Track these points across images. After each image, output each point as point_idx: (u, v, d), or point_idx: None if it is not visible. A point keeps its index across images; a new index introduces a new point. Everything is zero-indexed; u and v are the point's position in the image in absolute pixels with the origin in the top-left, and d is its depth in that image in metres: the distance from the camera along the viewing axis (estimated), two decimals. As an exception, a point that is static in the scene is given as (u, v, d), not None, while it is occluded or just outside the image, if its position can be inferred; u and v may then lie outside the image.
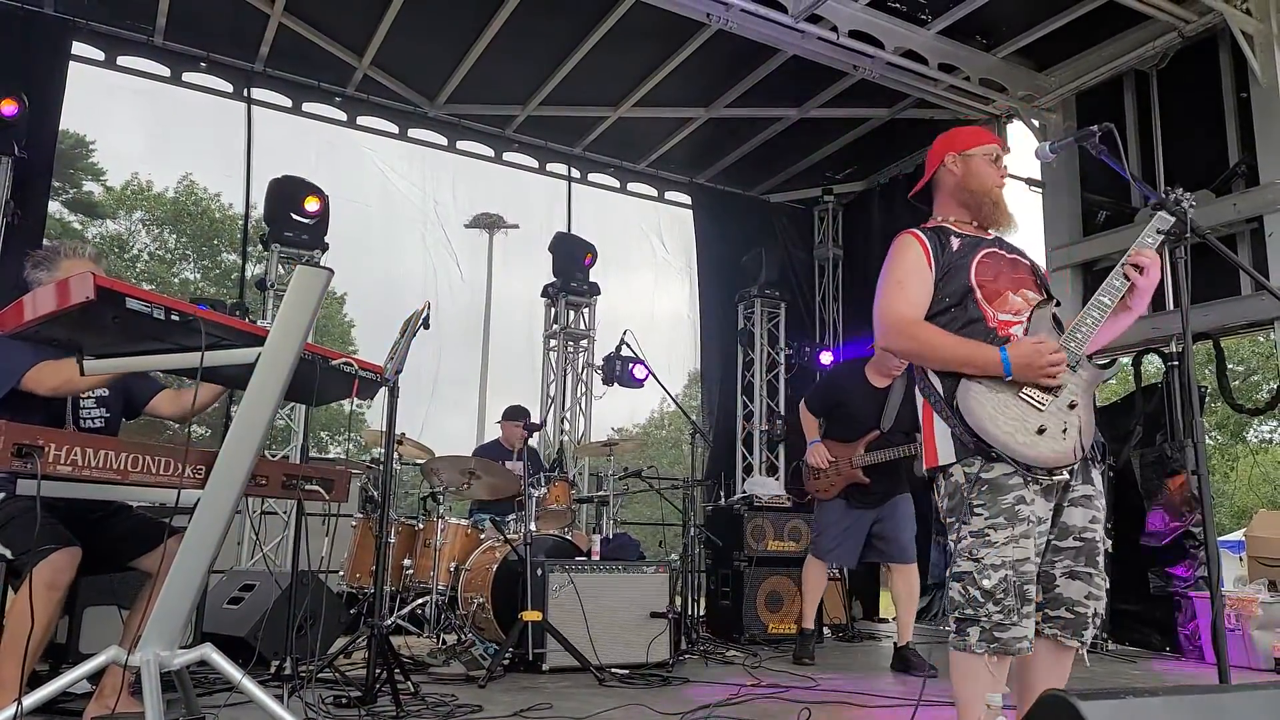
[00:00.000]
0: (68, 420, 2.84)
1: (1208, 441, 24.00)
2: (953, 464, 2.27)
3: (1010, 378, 2.20)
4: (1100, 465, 2.34)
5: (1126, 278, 2.30)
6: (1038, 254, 6.70)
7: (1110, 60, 6.25)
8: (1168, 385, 5.71)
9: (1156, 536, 5.48)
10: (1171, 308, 5.72)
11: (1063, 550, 2.29)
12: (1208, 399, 6.55)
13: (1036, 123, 6.80)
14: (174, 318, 2.20)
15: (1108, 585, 2.31)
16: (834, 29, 5.95)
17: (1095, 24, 6.04)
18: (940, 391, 2.31)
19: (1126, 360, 6.36)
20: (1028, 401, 2.21)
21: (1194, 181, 5.80)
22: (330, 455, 17.34)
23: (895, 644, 4.81)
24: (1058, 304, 2.40)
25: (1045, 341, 2.22)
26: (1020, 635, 2.15)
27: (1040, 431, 2.18)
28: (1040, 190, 6.88)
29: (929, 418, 2.36)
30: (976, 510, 2.21)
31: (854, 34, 6.01)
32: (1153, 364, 6.35)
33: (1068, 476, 2.24)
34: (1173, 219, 2.31)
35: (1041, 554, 2.26)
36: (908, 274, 2.40)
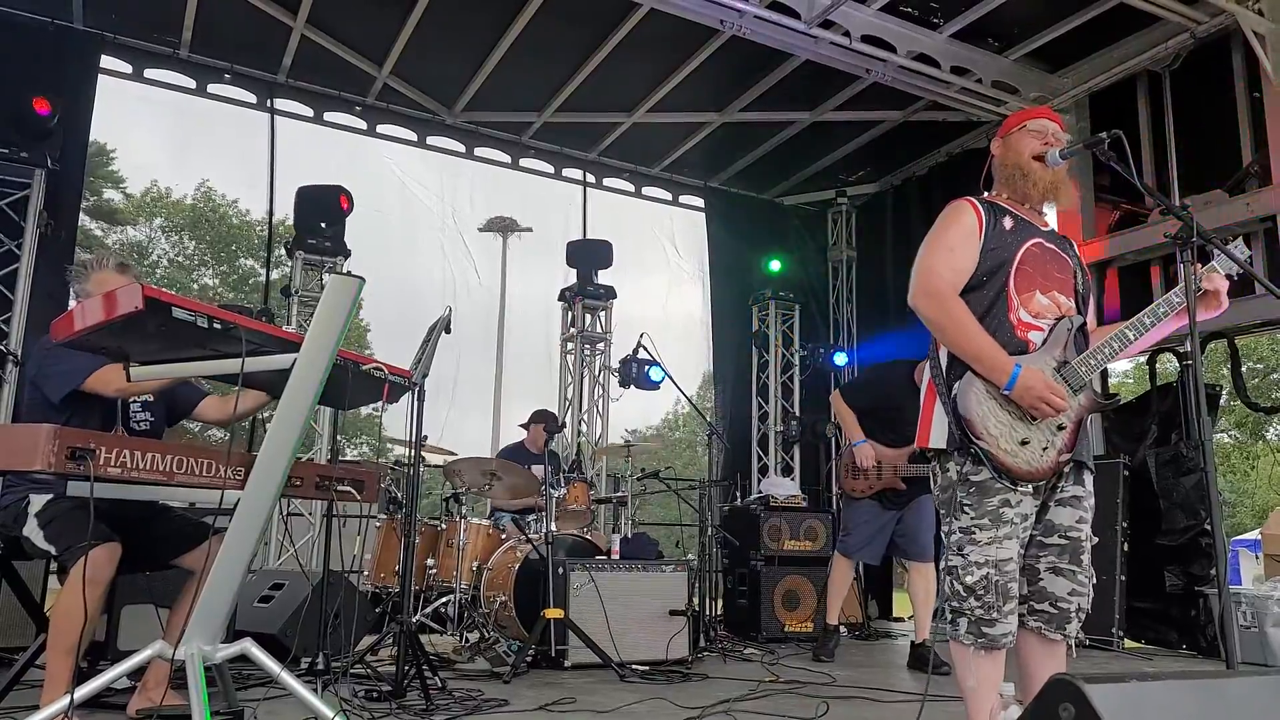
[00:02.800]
0: (118, 424, 2.95)
1: (1227, 440, 23.87)
2: (944, 452, 2.35)
3: (1007, 393, 2.24)
4: (1090, 470, 2.40)
5: (1165, 310, 2.37)
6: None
7: (1123, 61, 6.28)
8: (1183, 385, 5.74)
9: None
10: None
11: (1048, 547, 2.34)
12: (1225, 397, 6.56)
13: (1050, 124, 6.83)
14: (216, 326, 2.30)
15: (1093, 581, 2.37)
16: (846, 34, 6.02)
17: (1107, 26, 6.07)
18: (944, 374, 2.36)
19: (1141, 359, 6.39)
20: (1022, 412, 2.26)
21: (1208, 181, 5.85)
22: (348, 458, 17.50)
23: (913, 641, 4.86)
24: (1084, 322, 2.42)
25: (1057, 386, 2.25)
26: (1004, 631, 2.24)
27: (1023, 443, 2.25)
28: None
29: (931, 398, 2.42)
30: (965, 508, 2.29)
31: (866, 39, 6.08)
32: (1171, 362, 6.39)
33: (1038, 487, 2.30)
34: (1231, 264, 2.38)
35: (1025, 548, 2.33)
36: (960, 241, 2.37)
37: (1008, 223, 2.42)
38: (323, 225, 6.56)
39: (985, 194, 2.54)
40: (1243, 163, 5.69)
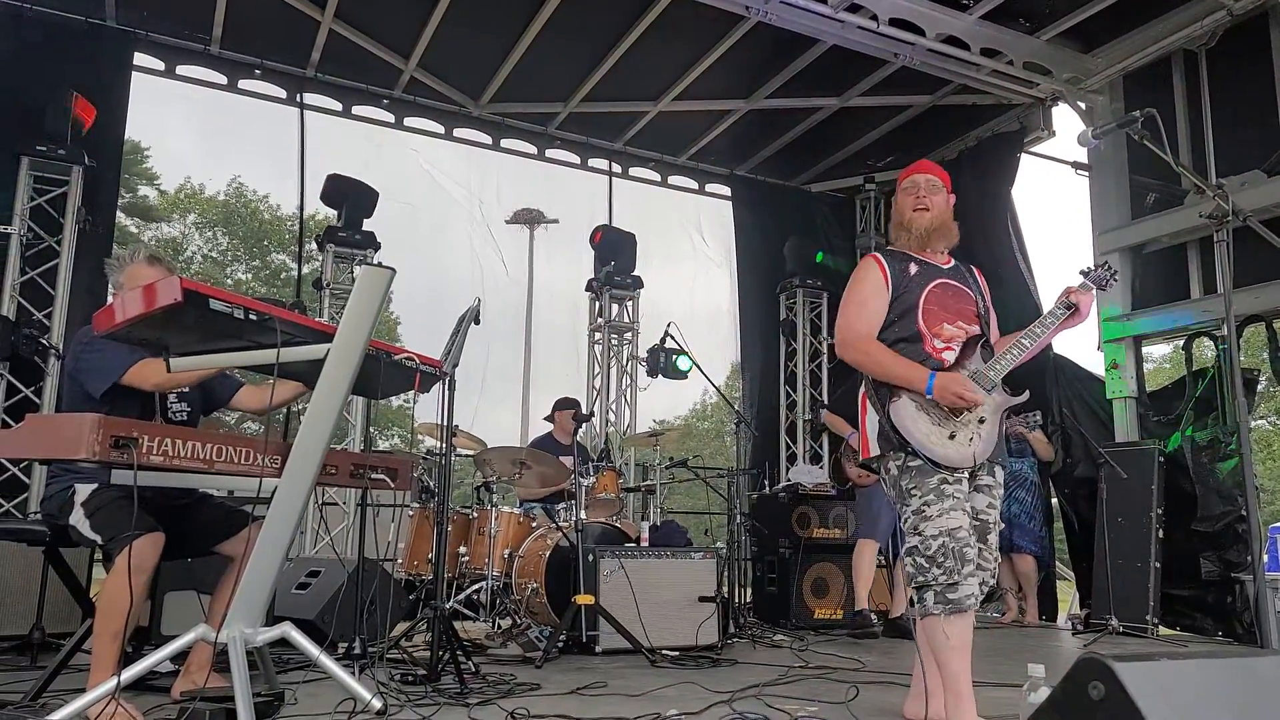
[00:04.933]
0: (156, 415, 3.01)
1: (1266, 426, 23.41)
2: (885, 456, 2.73)
3: (930, 396, 2.63)
4: (1001, 466, 2.81)
5: (1051, 321, 2.74)
6: (1084, 238, 6.69)
7: (1158, 40, 6.16)
8: (1219, 369, 5.65)
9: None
10: (1221, 291, 5.66)
11: None
12: (1265, 382, 6.45)
13: (1083, 105, 6.73)
14: (252, 317, 2.36)
15: (998, 559, 2.78)
16: (874, 17, 5.97)
17: (1142, 4, 5.97)
18: (877, 394, 2.75)
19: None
20: (945, 411, 2.65)
21: (1245, 162, 5.73)
22: (380, 449, 17.69)
23: (890, 614, 5.34)
24: (985, 340, 2.80)
25: (968, 381, 2.64)
26: (968, 592, 2.54)
27: (951, 437, 2.63)
28: (1087, 174, 6.83)
29: (864, 412, 2.81)
30: (911, 493, 2.65)
31: (894, 22, 6.02)
32: (1209, 347, 6.29)
33: (966, 473, 2.68)
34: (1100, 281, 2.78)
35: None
36: (870, 295, 2.81)
37: (912, 269, 2.84)
38: (351, 211, 6.65)
39: (888, 245, 3.00)
40: (1280, 142, 5.57)
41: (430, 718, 2.80)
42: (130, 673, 2.46)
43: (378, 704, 2.64)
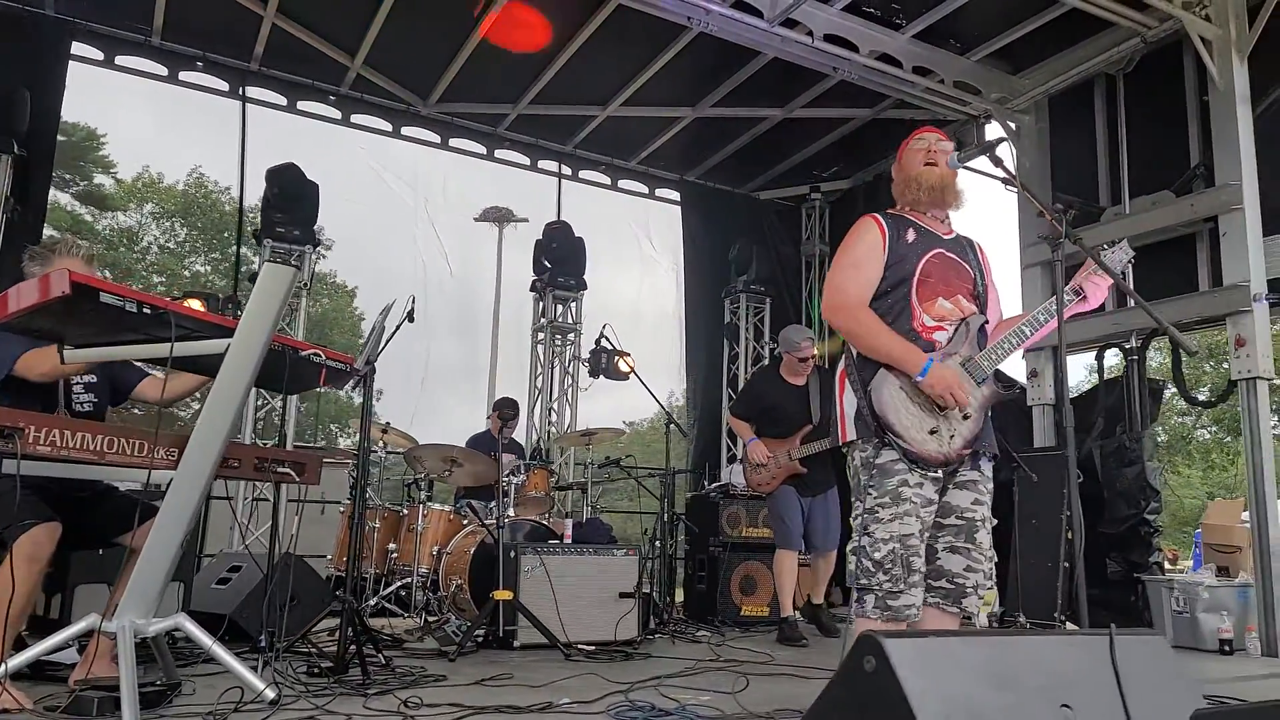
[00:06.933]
0: (60, 405, 3.05)
1: (1205, 436, 24.18)
2: (854, 444, 2.56)
3: (920, 380, 2.45)
4: (990, 458, 2.61)
5: (1054, 311, 2.53)
6: (1012, 251, 6.89)
7: (1080, 64, 6.37)
8: (1127, 380, 5.87)
9: None
10: (1131, 305, 5.90)
11: (945, 527, 2.54)
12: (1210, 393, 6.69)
13: (1012, 124, 6.92)
14: (146, 311, 2.42)
15: (994, 559, 2.56)
16: (810, 33, 6.10)
17: (1066, 28, 6.16)
18: (858, 371, 2.56)
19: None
20: (929, 402, 2.46)
21: (1157, 181, 5.97)
22: (339, 447, 17.58)
23: (810, 600, 5.59)
24: (986, 321, 2.65)
25: (963, 384, 2.46)
26: (909, 603, 2.42)
27: (931, 432, 2.46)
28: (1016, 190, 7.02)
29: (842, 394, 2.62)
30: (869, 490, 2.48)
31: (829, 38, 6.16)
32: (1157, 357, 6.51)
33: (938, 472, 2.49)
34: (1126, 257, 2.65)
35: (925, 530, 2.51)
36: (864, 257, 2.61)
37: (910, 235, 2.64)
38: (293, 205, 6.64)
39: (890, 209, 2.77)
40: (1191, 164, 5.81)
41: (325, 707, 2.86)
42: (17, 660, 2.51)
43: (271, 694, 2.71)
